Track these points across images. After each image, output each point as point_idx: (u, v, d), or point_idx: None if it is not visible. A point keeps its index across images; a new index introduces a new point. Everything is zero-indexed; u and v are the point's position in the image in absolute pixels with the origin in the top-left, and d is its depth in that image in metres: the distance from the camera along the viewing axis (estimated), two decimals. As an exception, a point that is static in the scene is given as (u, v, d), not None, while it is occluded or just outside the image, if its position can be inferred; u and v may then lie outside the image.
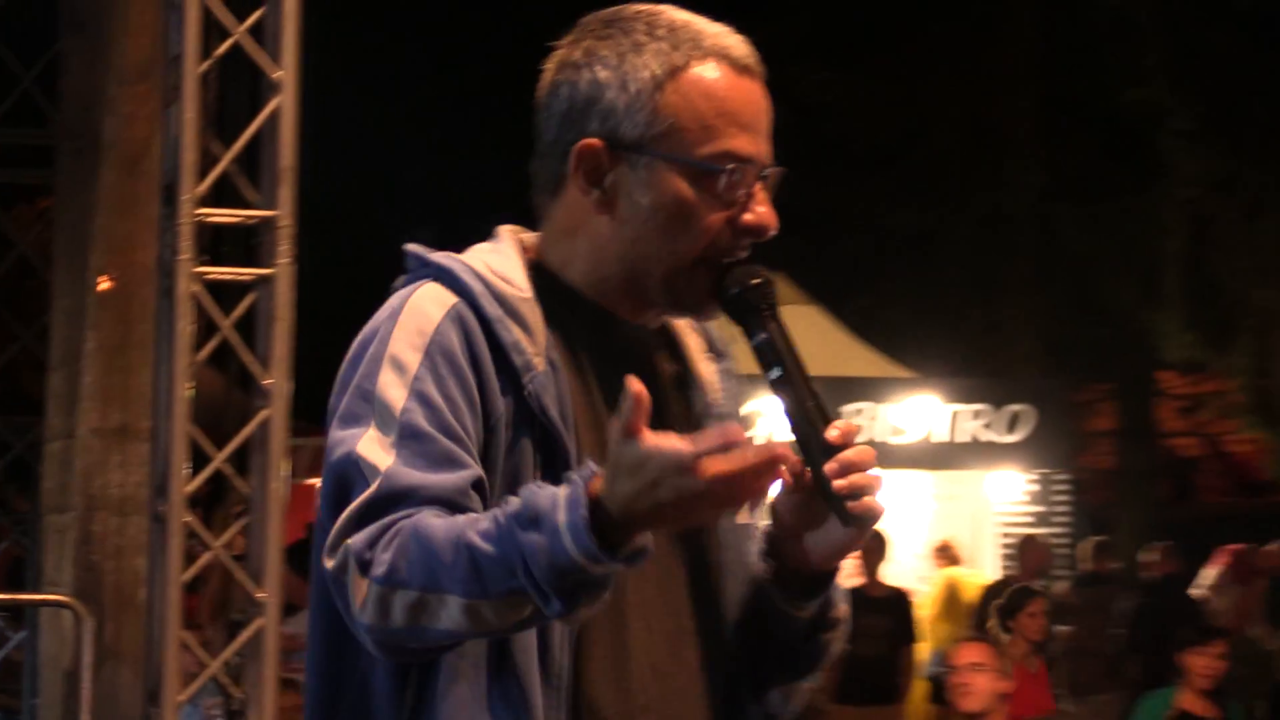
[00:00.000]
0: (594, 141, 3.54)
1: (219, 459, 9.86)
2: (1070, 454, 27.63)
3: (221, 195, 9.87)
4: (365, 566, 3.22)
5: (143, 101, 10.88)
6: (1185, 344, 30.57)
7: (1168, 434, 35.02)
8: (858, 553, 18.83)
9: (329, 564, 3.27)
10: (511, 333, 3.49)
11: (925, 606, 20.72)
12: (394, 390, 3.36)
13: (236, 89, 10.01)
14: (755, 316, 3.56)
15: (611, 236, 3.58)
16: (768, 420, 16.68)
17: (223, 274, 9.89)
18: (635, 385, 3.19)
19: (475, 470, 3.37)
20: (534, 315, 3.55)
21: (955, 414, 25.14)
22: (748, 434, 3.28)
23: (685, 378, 3.77)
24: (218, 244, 10.00)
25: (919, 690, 18.50)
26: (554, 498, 3.18)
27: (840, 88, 31.83)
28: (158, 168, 10.11)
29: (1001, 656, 12.32)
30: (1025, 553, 19.64)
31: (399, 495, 3.28)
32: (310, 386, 7.55)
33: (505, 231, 3.67)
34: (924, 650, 18.80)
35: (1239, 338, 29.87)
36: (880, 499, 3.44)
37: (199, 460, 9.80)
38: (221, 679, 10.14)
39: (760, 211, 3.58)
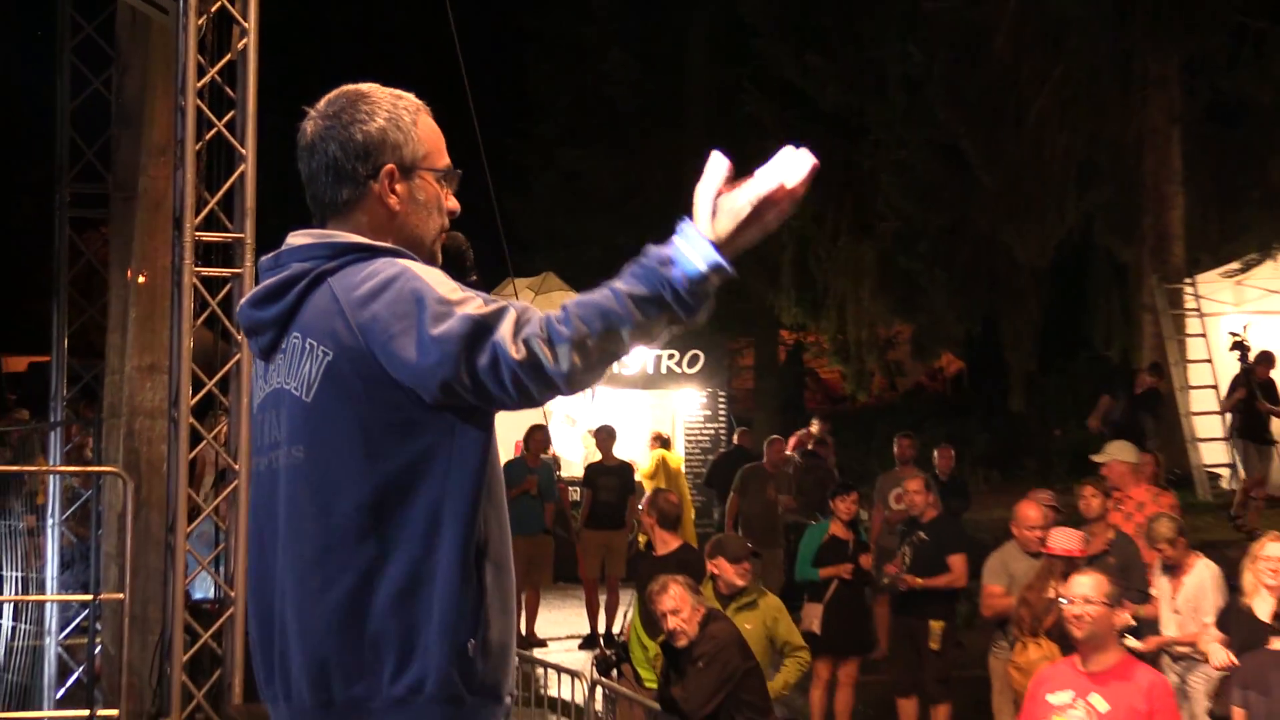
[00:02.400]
0: (392, 166, 3.52)
1: (210, 384, 9.85)
2: (727, 380, 27.73)
3: (210, 224, 9.82)
4: (550, 338, 3.16)
5: (162, 167, 10.84)
6: (795, 313, 30.75)
7: (784, 366, 35.25)
8: (600, 437, 18.95)
9: (516, 356, 3.17)
10: None
11: (644, 471, 20.77)
12: (456, 293, 3.28)
13: (218, 159, 9.93)
14: (469, 259, 3.73)
15: (401, 224, 3.55)
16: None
17: (211, 272, 9.86)
18: (724, 160, 3.30)
19: None
20: None
21: (658, 355, 25.20)
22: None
23: None
24: (208, 254, 9.93)
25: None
26: (675, 245, 3.24)
27: (590, 159, 31.82)
28: (171, 208, 10.03)
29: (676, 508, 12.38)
30: (771, 445, 19.44)
31: (523, 310, 3.23)
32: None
33: (349, 233, 3.55)
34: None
35: (827, 310, 30.10)
36: None
37: (198, 385, 9.77)
38: (213, 518, 10.11)
39: (455, 199, 3.67)
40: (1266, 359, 19.83)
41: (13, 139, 28.93)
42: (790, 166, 3.28)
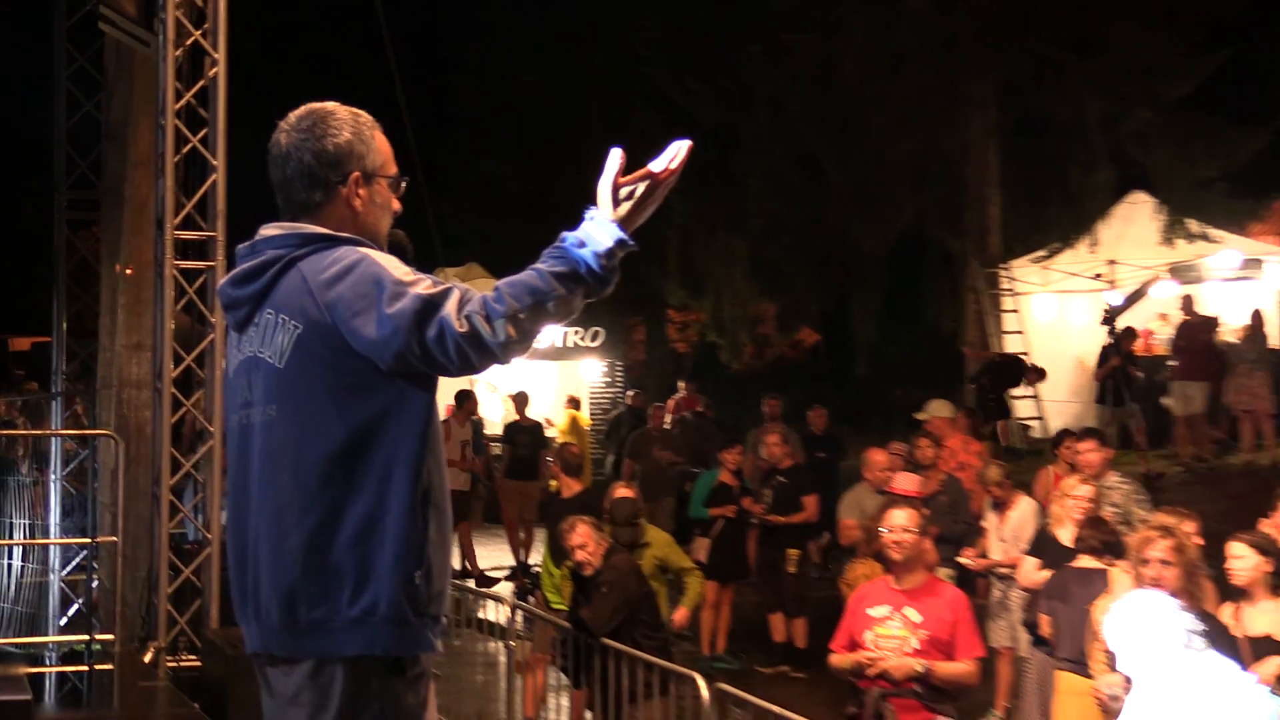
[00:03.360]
0: (358, 174, 3.51)
1: (188, 360, 9.73)
2: (623, 351, 27.81)
3: (187, 225, 9.71)
4: (488, 314, 3.17)
5: (145, 176, 10.72)
6: (680, 295, 30.80)
7: (671, 340, 35.26)
8: (516, 400, 18.91)
9: (460, 329, 3.17)
10: None
11: (560, 428, 20.79)
12: (409, 276, 3.29)
13: (193, 169, 9.83)
14: (409, 253, 3.62)
15: (362, 222, 3.53)
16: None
17: (188, 265, 9.74)
18: (619, 153, 3.36)
19: None
20: None
21: (565, 332, 25.23)
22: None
23: None
24: (185, 250, 9.82)
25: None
26: (585, 229, 3.26)
27: (506, 167, 31.81)
28: (153, 211, 9.92)
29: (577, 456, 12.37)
30: (654, 412, 19.48)
31: (465, 290, 3.23)
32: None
33: (315, 226, 3.52)
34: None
35: (706, 292, 30.17)
36: None
37: (178, 361, 9.66)
38: (192, 473, 10.01)
39: (399, 201, 3.65)
40: (1130, 334, 20.00)
41: (17, 153, 28.60)
42: (671, 153, 3.37)
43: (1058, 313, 23.13)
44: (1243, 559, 7.55)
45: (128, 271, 11.18)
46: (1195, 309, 20.15)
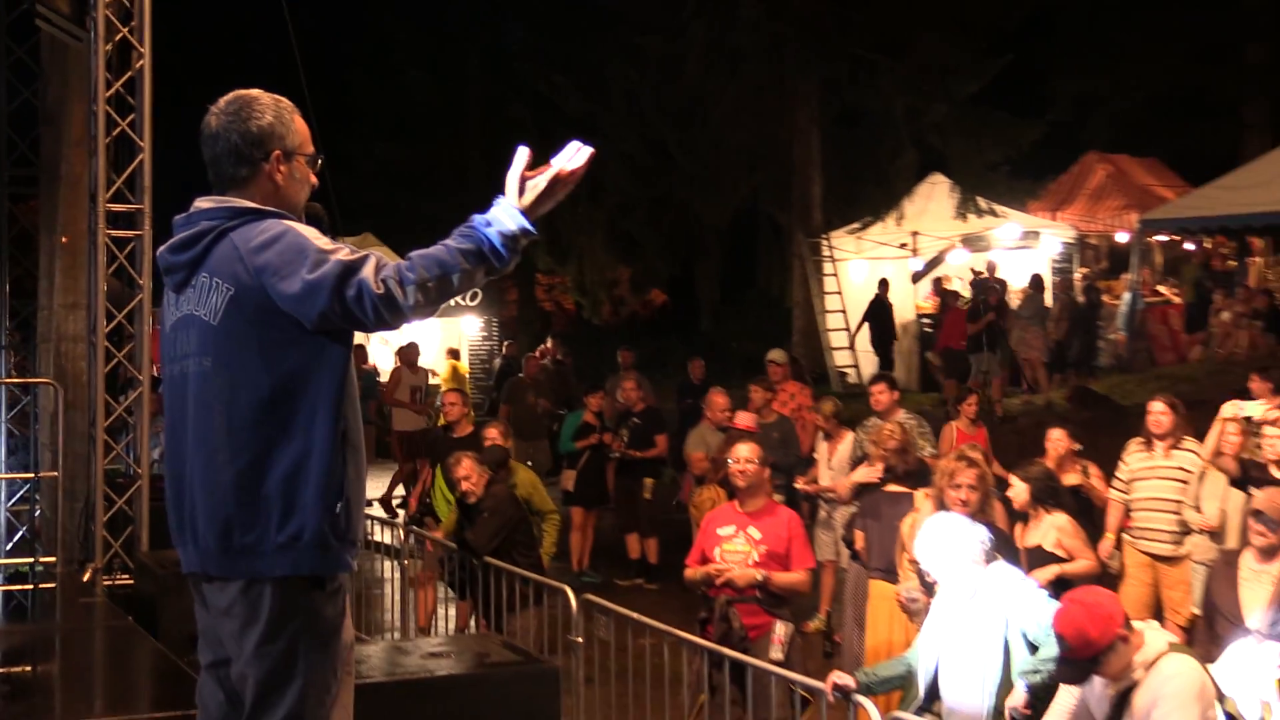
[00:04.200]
0: (279, 152, 3.45)
1: (120, 317, 9.52)
2: (499, 310, 27.67)
3: (117, 198, 9.47)
4: (401, 280, 3.17)
5: (80, 156, 10.43)
6: (547, 261, 30.77)
7: (539, 300, 35.20)
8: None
9: (378, 291, 3.16)
10: None
11: (443, 376, 20.66)
12: (329, 245, 3.28)
13: (122, 149, 9.60)
14: (324, 223, 3.59)
15: (284, 195, 3.48)
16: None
17: (119, 234, 9.51)
18: (526, 150, 3.32)
19: None
20: None
21: (449, 293, 24.96)
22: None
23: None
24: (116, 221, 9.59)
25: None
26: (494, 213, 3.26)
27: (396, 149, 31.46)
28: (86, 186, 9.70)
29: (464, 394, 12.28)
30: (528, 361, 19.28)
31: (379, 258, 3.24)
32: (160, 286, 7.20)
33: (245, 200, 3.45)
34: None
35: (570, 258, 30.17)
36: None
37: (110, 317, 9.47)
38: (124, 416, 9.82)
39: (315, 177, 3.59)
40: (997, 289, 20.28)
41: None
42: (574, 156, 3.34)
43: (869, 276, 23.46)
44: (1016, 488, 8.02)
45: (64, 240, 10.92)
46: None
